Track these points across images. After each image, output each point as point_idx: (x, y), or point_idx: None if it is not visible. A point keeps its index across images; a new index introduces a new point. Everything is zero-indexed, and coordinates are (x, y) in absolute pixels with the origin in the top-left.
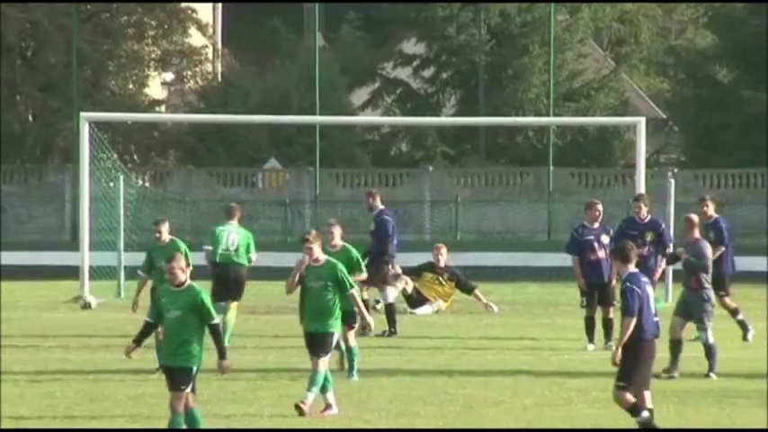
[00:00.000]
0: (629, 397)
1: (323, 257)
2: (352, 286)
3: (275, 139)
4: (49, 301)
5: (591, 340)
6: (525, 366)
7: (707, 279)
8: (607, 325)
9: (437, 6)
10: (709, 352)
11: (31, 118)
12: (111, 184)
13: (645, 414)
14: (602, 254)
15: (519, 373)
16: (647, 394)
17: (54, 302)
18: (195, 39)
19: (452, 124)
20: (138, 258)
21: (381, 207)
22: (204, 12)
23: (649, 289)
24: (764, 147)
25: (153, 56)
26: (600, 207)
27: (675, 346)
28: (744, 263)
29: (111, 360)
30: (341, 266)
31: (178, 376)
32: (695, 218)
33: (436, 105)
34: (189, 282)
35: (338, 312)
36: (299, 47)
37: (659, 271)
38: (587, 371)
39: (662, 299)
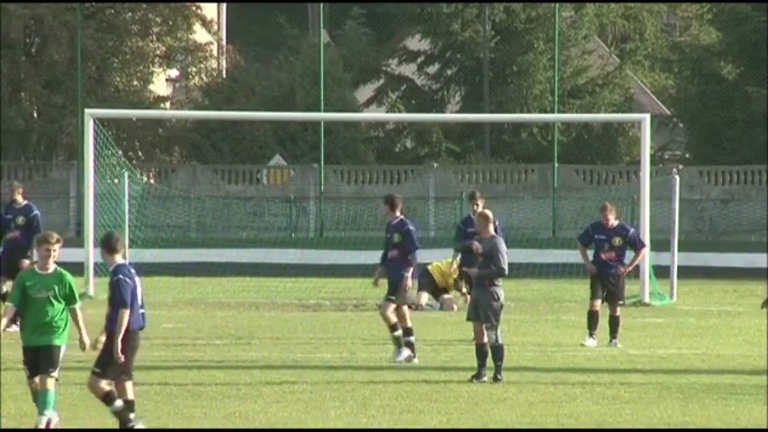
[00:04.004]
0: (104, 385)
1: (52, 266)
2: (77, 300)
3: (280, 136)
4: None
5: (591, 334)
6: (530, 363)
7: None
8: (613, 322)
9: (442, 3)
10: (496, 354)
11: (35, 114)
12: (116, 181)
13: (118, 403)
14: (612, 254)
15: (523, 370)
16: (129, 384)
17: None
18: (200, 35)
19: (457, 121)
20: (144, 255)
21: (26, 203)
22: (209, 8)
23: (138, 280)
24: None
25: (157, 52)
26: (607, 212)
27: (481, 351)
28: (748, 259)
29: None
30: (69, 276)
31: None
32: (491, 214)
33: (441, 102)
34: None
35: (65, 325)
36: (303, 43)
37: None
38: (592, 367)
39: (667, 296)
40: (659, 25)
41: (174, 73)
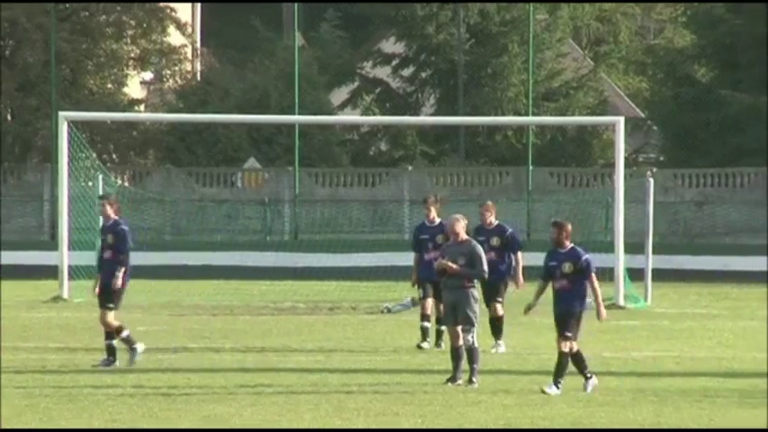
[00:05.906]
0: None
1: None
2: None
3: (254, 139)
4: (27, 301)
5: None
6: (504, 366)
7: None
8: (495, 324)
9: (416, 5)
10: (471, 356)
11: (9, 117)
12: (90, 184)
13: None
14: (492, 254)
15: (498, 373)
16: None
17: (33, 302)
18: (174, 38)
19: (432, 123)
20: None
21: None
22: (183, 11)
23: None
24: (743, 146)
25: (132, 55)
26: (485, 211)
27: (457, 354)
28: (722, 262)
29: (90, 360)
30: None
31: None
32: (461, 216)
33: (415, 105)
34: None
35: None
36: (278, 46)
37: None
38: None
39: (641, 299)
40: (633, 28)
41: (148, 76)
